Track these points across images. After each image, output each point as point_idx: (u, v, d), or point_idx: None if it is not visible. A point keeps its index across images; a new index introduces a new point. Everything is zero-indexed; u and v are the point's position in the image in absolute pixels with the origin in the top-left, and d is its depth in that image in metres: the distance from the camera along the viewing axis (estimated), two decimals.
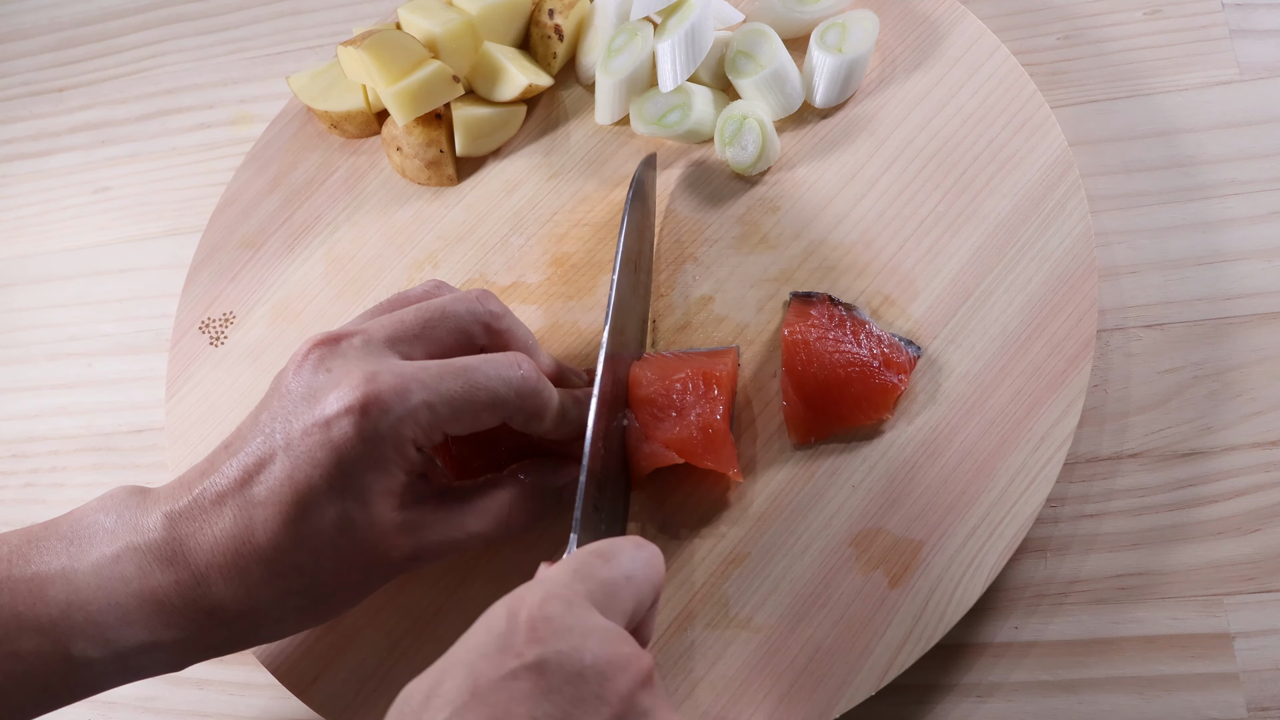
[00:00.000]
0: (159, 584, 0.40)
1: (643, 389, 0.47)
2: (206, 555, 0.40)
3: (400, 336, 0.43)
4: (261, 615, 0.41)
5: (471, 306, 0.44)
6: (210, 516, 0.40)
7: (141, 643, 0.40)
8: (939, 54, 0.55)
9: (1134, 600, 0.46)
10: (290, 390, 0.41)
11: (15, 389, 0.64)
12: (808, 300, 0.49)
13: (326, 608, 0.43)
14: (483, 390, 0.41)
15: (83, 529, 0.41)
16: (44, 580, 0.40)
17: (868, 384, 0.47)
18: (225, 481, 0.40)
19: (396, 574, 0.43)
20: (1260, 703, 0.43)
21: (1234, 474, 0.47)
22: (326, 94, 0.60)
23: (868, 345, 0.47)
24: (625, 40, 0.55)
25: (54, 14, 0.76)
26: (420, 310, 0.44)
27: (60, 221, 0.69)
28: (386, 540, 0.41)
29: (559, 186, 0.57)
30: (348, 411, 0.39)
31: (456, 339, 0.44)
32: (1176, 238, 0.52)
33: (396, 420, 0.40)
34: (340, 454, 0.39)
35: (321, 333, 0.43)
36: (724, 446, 0.46)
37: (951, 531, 0.45)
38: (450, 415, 0.41)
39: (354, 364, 0.41)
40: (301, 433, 0.40)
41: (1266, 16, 0.55)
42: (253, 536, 0.40)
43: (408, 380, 0.40)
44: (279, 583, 0.40)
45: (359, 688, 0.48)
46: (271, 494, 0.40)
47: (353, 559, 0.41)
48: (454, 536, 0.43)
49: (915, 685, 0.46)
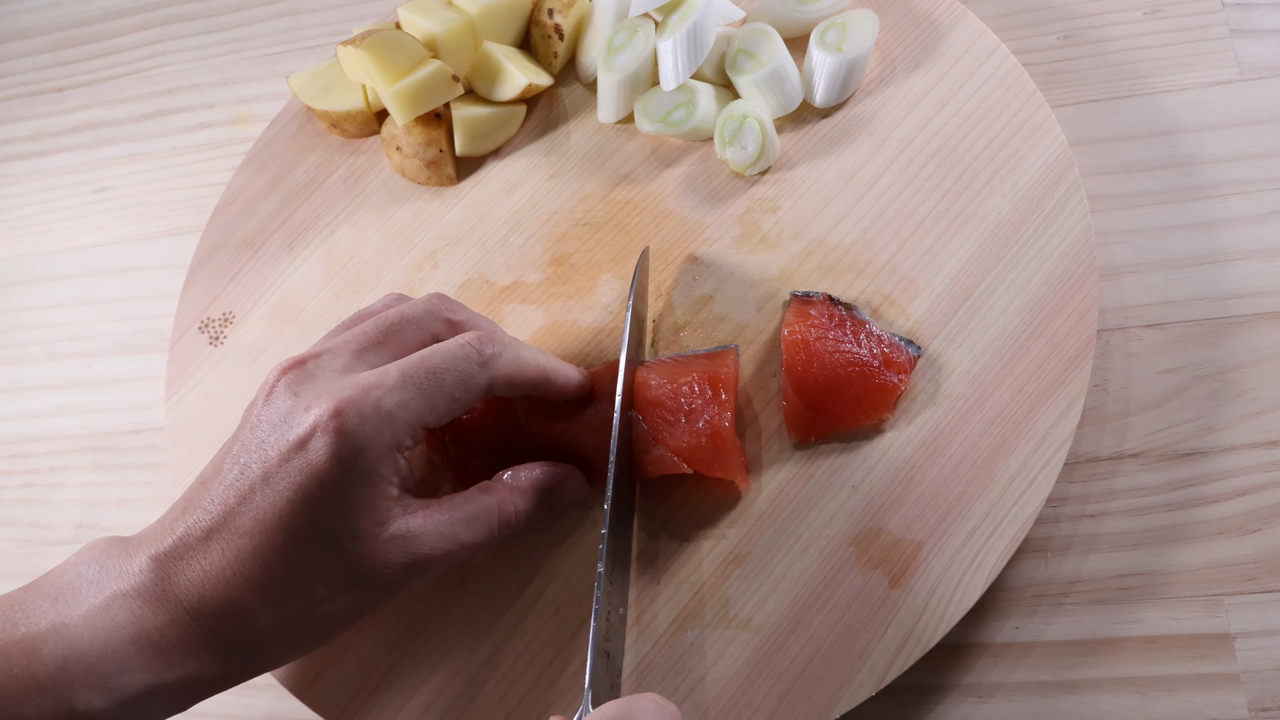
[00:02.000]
0: (153, 626, 0.40)
1: (650, 392, 0.47)
2: (199, 591, 0.40)
3: (365, 348, 0.43)
4: (260, 643, 0.41)
5: (429, 307, 0.45)
6: (198, 553, 0.40)
7: (145, 687, 0.40)
8: (939, 54, 0.55)
9: (1134, 600, 0.46)
10: (261, 419, 0.41)
11: (15, 389, 0.64)
12: (807, 300, 0.49)
13: (325, 630, 0.42)
14: (447, 372, 0.42)
15: (66, 584, 0.41)
16: (36, 640, 0.39)
17: (868, 384, 0.47)
18: (209, 518, 0.40)
19: (395, 591, 0.43)
20: (1261, 703, 0.43)
21: (1234, 474, 0.47)
22: (326, 94, 0.60)
23: (868, 345, 0.47)
24: (626, 38, 0.55)
25: (54, 14, 0.76)
26: (380, 320, 0.44)
27: (60, 221, 0.69)
28: (377, 556, 0.41)
29: (559, 186, 0.57)
30: (321, 430, 0.40)
31: (421, 340, 0.44)
32: (1177, 237, 0.52)
33: (374, 429, 0.40)
34: (319, 473, 0.40)
35: (288, 359, 0.43)
36: (732, 455, 0.46)
37: (951, 531, 0.45)
38: (425, 406, 0.41)
39: (322, 385, 0.41)
40: (279, 460, 0.40)
41: (1266, 16, 0.55)
42: (243, 567, 0.40)
43: (371, 389, 0.41)
44: (275, 609, 0.40)
45: (359, 688, 0.48)
46: (257, 523, 0.40)
47: (345, 578, 0.41)
48: (446, 548, 0.43)
49: (915, 685, 0.46)
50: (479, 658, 0.47)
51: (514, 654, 0.47)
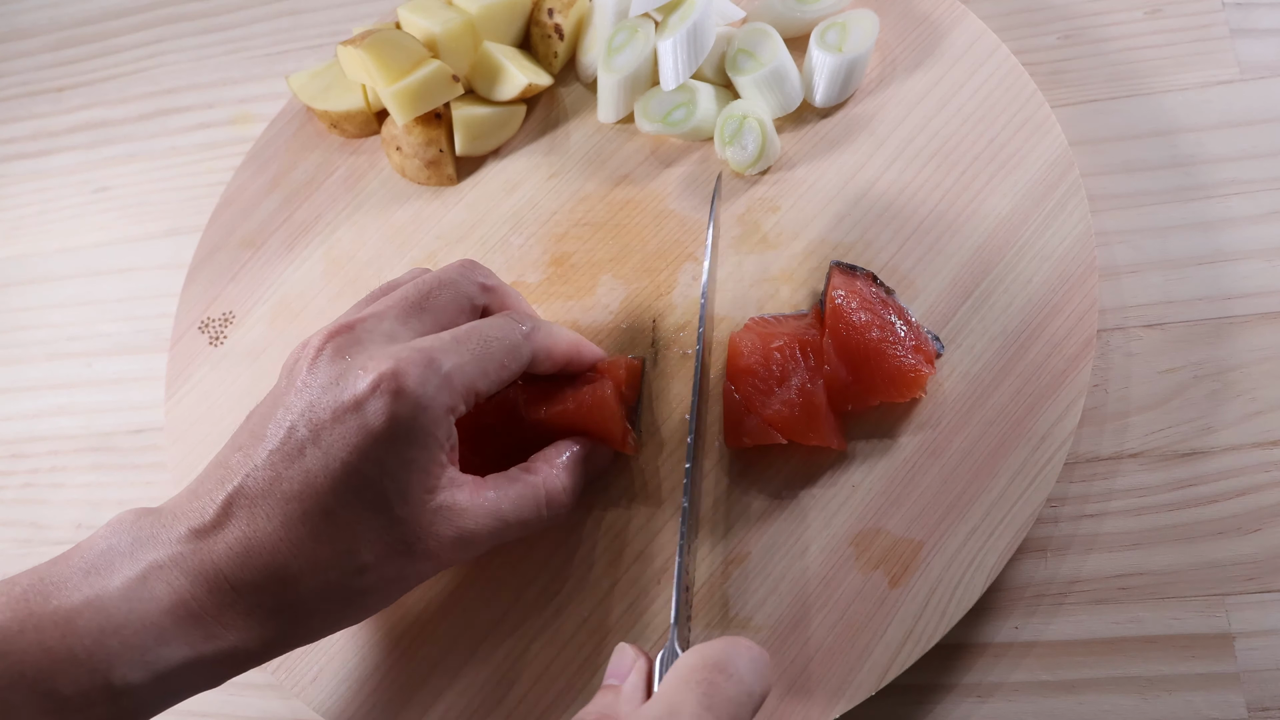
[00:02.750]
0: (191, 597, 0.39)
1: (743, 359, 0.47)
2: (240, 560, 0.39)
3: (408, 312, 0.44)
4: (301, 613, 0.40)
5: (464, 272, 0.46)
6: (241, 520, 0.39)
7: (184, 659, 0.39)
8: (939, 54, 0.55)
9: (1134, 600, 0.46)
10: (309, 383, 0.41)
11: (15, 389, 0.64)
12: (851, 273, 0.49)
13: (367, 602, 0.42)
14: (496, 341, 0.43)
15: (98, 557, 0.40)
16: (70, 613, 0.38)
17: (902, 362, 0.46)
18: (255, 483, 0.40)
19: (439, 565, 0.42)
20: (1261, 703, 0.43)
21: (1234, 474, 0.47)
22: (326, 94, 0.60)
23: (904, 328, 0.47)
24: (626, 38, 0.55)
25: (54, 14, 0.76)
26: (419, 284, 0.45)
27: (59, 221, 0.69)
28: (424, 526, 0.41)
29: (559, 186, 0.57)
30: (379, 391, 0.39)
31: (458, 305, 0.45)
32: (1177, 237, 0.52)
33: (434, 390, 0.40)
34: (376, 435, 0.39)
35: (332, 324, 0.43)
36: (826, 420, 0.46)
37: (951, 531, 0.45)
38: (479, 372, 0.42)
39: (374, 348, 0.41)
40: (332, 419, 0.40)
41: (1266, 16, 0.55)
42: (290, 532, 0.39)
43: (430, 352, 0.41)
44: (319, 577, 0.40)
45: (359, 688, 0.48)
46: (307, 485, 0.39)
47: (393, 547, 0.40)
48: (491, 524, 0.43)
49: (915, 685, 0.46)
50: (480, 657, 0.47)
51: (515, 653, 0.47)
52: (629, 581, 0.47)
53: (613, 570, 0.48)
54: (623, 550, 0.48)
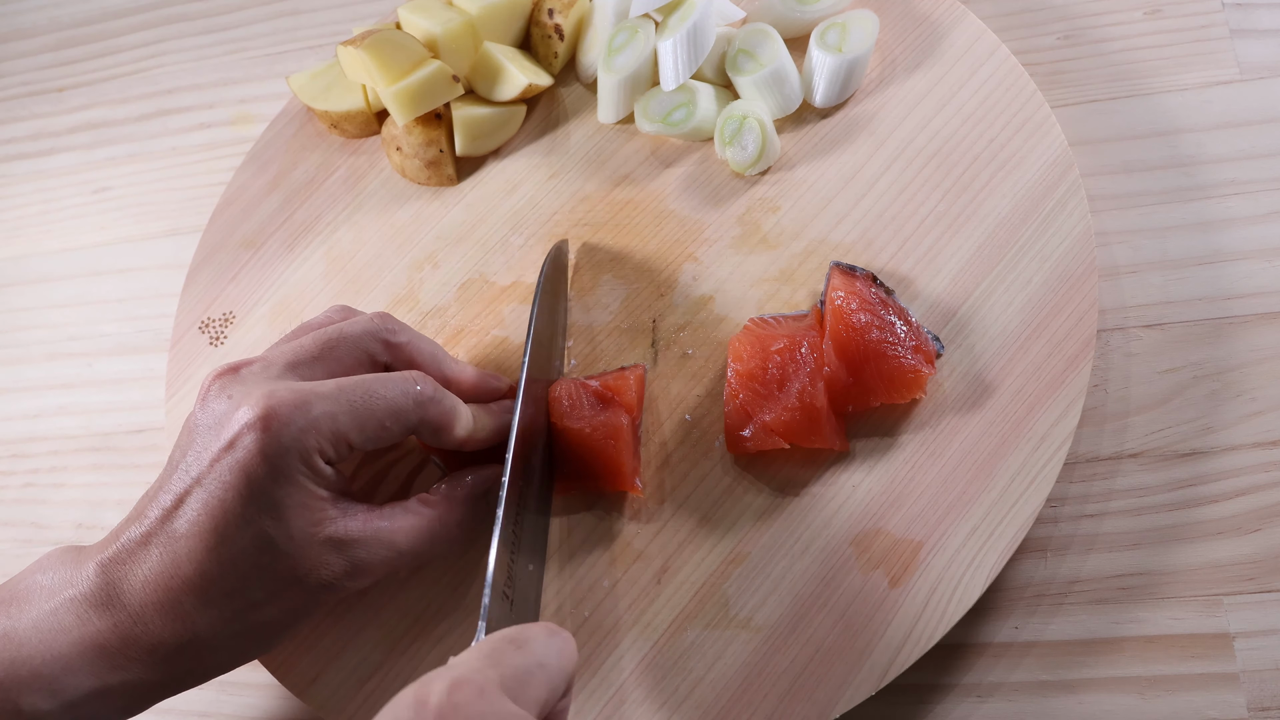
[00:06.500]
0: (98, 630, 0.40)
1: (743, 364, 0.47)
2: (139, 594, 0.41)
3: (300, 360, 0.44)
4: (202, 646, 0.41)
5: (368, 327, 0.46)
6: (139, 557, 0.41)
7: (90, 689, 0.41)
8: (939, 54, 0.55)
9: (1134, 600, 0.46)
10: (197, 424, 0.42)
11: (15, 389, 0.64)
12: (851, 273, 0.49)
13: (269, 633, 0.43)
14: (380, 399, 0.43)
15: (20, 591, 0.42)
16: None
17: (902, 363, 0.46)
18: (149, 522, 0.41)
19: (337, 594, 0.43)
20: (1260, 703, 0.43)
21: (1234, 474, 0.47)
22: (326, 94, 0.60)
23: (903, 328, 0.47)
24: (626, 38, 0.55)
25: (54, 14, 0.76)
26: (318, 335, 0.45)
27: (60, 221, 0.69)
28: (314, 558, 0.42)
29: (559, 186, 0.57)
30: (249, 429, 0.40)
31: (356, 359, 0.45)
32: (1176, 238, 0.52)
33: (299, 431, 0.41)
34: (248, 472, 0.40)
35: (222, 364, 0.44)
36: (828, 423, 0.46)
37: (951, 531, 0.45)
38: (353, 424, 0.42)
39: (253, 386, 0.42)
40: (211, 461, 0.41)
41: (1266, 16, 0.55)
42: (179, 569, 0.40)
43: (305, 394, 0.41)
44: (213, 611, 0.41)
45: (359, 688, 0.48)
46: (191, 525, 0.41)
47: (282, 579, 0.41)
48: (383, 554, 0.43)
49: (915, 685, 0.46)
50: None
51: None
52: (629, 581, 0.47)
53: (612, 570, 0.48)
54: (622, 551, 0.48)
